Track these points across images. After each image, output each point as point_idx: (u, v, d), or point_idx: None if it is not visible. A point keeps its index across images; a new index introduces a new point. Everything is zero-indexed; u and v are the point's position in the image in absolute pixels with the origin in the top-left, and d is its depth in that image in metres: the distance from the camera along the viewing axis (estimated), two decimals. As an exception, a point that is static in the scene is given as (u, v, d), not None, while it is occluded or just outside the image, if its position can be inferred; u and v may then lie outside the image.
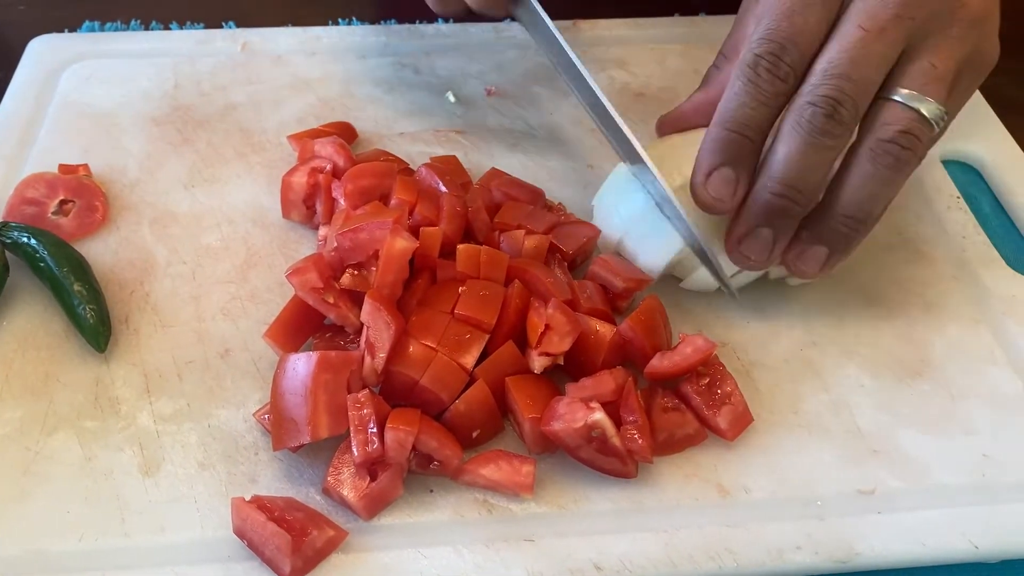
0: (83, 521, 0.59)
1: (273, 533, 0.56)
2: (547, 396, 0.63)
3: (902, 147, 0.61)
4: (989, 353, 0.71)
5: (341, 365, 0.61)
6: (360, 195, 0.72)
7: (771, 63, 0.62)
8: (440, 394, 0.62)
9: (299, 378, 0.60)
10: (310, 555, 0.57)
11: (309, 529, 0.57)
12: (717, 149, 0.64)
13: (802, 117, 0.61)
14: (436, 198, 0.71)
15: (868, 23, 0.61)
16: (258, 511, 0.57)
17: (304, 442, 0.60)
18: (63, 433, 0.64)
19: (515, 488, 0.61)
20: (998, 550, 0.60)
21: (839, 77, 0.60)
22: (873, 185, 0.62)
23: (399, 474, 0.60)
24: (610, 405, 0.62)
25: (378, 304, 0.61)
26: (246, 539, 0.58)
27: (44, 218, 0.77)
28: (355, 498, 0.59)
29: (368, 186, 0.73)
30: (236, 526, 0.58)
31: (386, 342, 0.61)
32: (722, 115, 0.64)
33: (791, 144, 0.62)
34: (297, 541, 0.56)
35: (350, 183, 0.73)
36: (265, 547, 0.57)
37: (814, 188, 0.63)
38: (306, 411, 0.59)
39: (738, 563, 0.58)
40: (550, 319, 0.64)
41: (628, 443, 0.60)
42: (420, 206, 0.69)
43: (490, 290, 0.65)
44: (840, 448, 0.65)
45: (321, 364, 0.60)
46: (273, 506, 0.58)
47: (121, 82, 0.91)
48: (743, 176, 0.64)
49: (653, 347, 0.66)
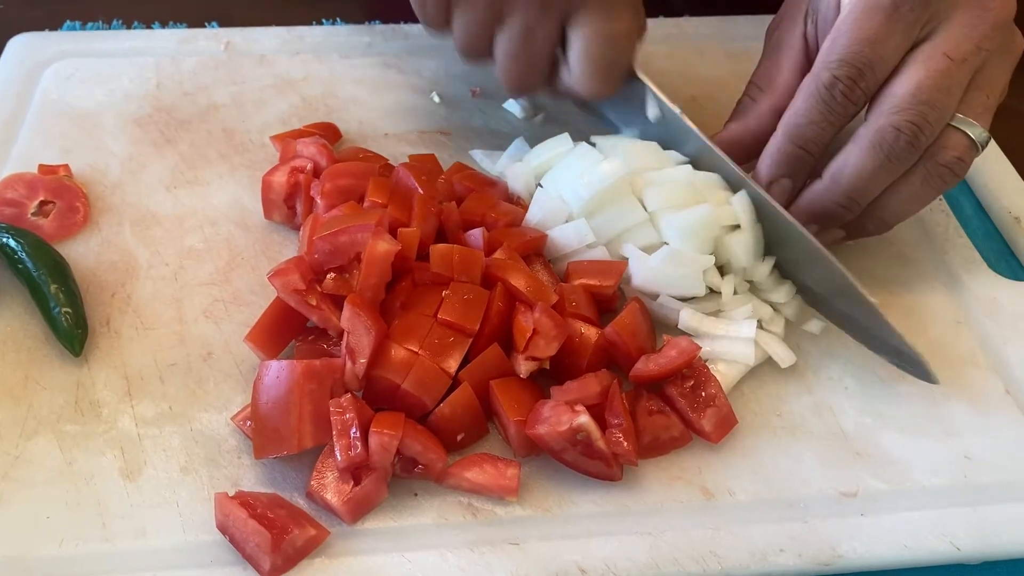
0: (63, 526, 0.59)
1: (254, 531, 0.56)
2: (532, 399, 0.63)
3: (954, 172, 0.66)
4: (971, 355, 0.71)
5: (326, 374, 0.61)
6: (338, 195, 0.72)
7: (847, 87, 0.64)
8: (422, 398, 0.61)
9: (282, 387, 0.60)
10: (290, 553, 0.57)
11: (290, 527, 0.57)
12: (782, 162, 0.68)
13: (884, 139, 0.63)
14: (409, 199, 0.71)
15: (954, 52, 0.63)
16: (240, 507, 0.57)
17: (289, 452, 0.59)
18: (43, 437, 0.63)
19: (500, 491, 0.61)
20: (980, 551, 0.60)
21: (925, 104, 0.63)
22: (917, 202, 0.68)
23: (383, 478, 0.60)
24: (595, 408, 0.62)
25: (358, 309, 0.61)
26: (228, 534, 0.58)
27: (23, 219, 0.76)
28: (338, 502, 0.59)
29: (346, 186, 0.72)
30: (219, 521, 0.58)
31: (367, 347, 0.61)
32: (791, 130, 0.67)
33: (867, 162, 0.64)
34: (277, 539, 0.56)
35: (328, 183, 0.72)
36: (246, 544, 0.57)
37: (871, 199, 0.67)
38: (291, 421, 0.59)
39: (722, 566, 0.58)
40: (537, 323, 0.63)
41: (613, 446, 0.60)
42: (392, 208, 0.69)
43: (473, 294, 0.65)
44: (823, 450, 0.65)
45: (306, 373, 0.60)
46: (256, 503, 0.58)
47: (103, 82, 0.90)
48: (798, 186, 0.69)
49: (638, 350, 0.66)
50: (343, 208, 0.69)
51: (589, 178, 0.71)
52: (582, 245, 0.71)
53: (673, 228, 0.70)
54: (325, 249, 0.64)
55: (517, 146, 0.82)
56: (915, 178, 0.66)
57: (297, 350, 0.66)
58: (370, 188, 0.70)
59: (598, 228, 0.71)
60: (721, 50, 0.96)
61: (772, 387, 0.68)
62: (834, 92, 0.65)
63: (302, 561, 0.57)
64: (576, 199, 0.71)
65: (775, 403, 0.67)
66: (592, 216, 0.71)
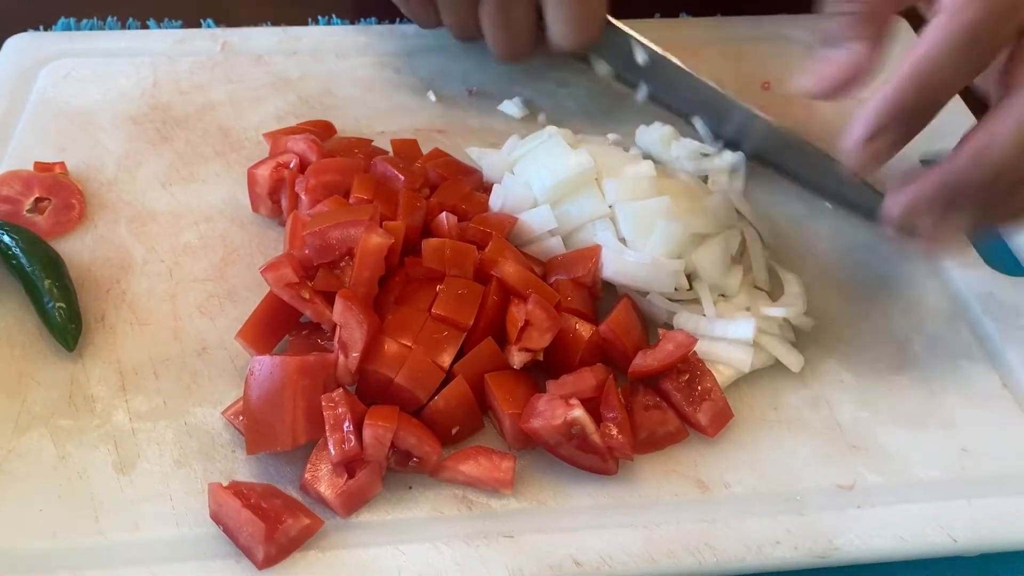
0: (56, 519, 0.58)
1: (247, 520, 0.56)
2: (527, 393, 0.63)
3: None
4: (967, 349, 0.71)
5: (319, 369, 0.60)
6: (322, 190, 0.72)
7: (995, 26, 0.55)
8: (416, 392, 0.61)
9: (275, 384, 0.60)
10: (284, 543, 0.57)
11: (284, 517, 0.57)
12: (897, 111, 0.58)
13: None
14: (395, 194, 0.71)
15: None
16: (234, 497, 0.57)
17: (282, 449, 0.59)
18: (36, 432, 0.63)
19: (495, 484, 0.60)
20: (977, 543, 0.60)
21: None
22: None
23: (378, 472, 0.60)
24: (590, 402, 0.61)
25: (350, 303, 0.61)
26: (221, 524, 0.58)
27: (19, 216, 0.76)
28: (332, 495, 0.58)
29: (331, 182, 0.72)
30: (212, 511, 0.58)
31: (359, 341, 0.61)
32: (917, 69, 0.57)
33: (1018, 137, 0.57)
34: (271, 529, 0.56)
35: (312, 178, 0.72)
36: (240, 533, 0.57)
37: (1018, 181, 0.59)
38: (284, 418, 0.59)
39: (718, 558, 0.58)
40: (530, 315, 0.63)
41: (608, 440, 0.60)
42: (378, 202, 0.69)
43: (468, 288, 0.64)
44: (819, 443, 0.65)
45: (299, 369, 0.60)
46: (250, 492, 0.57)
47: (99, 80, 0.90)
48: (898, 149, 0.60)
49: (633, 346, 0.66)
50: (328, 203, 0.69)
51: (554, 167, 0.72)
52: (544, 231, 0.72)
53: (628, 218, 0.70)
54: (316, 245, 0.64)
55: (512, 144, 0.82)
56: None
57: (290, 345, 0.66)
58: (355, 185, 0.70)
59: (561, 217, 0.72)
60: (718, 50, 0.96)
61: (768, 381, 0.68)
62: (978, 32, 0.55)
63: (296, 553, 0.57)
64: (541, 187, 0.72)
65: (771, 397, 0.67)
66: (556, 205, 0.72)
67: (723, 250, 0.71)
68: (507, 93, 0.91)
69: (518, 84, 0.92)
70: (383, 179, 0.73)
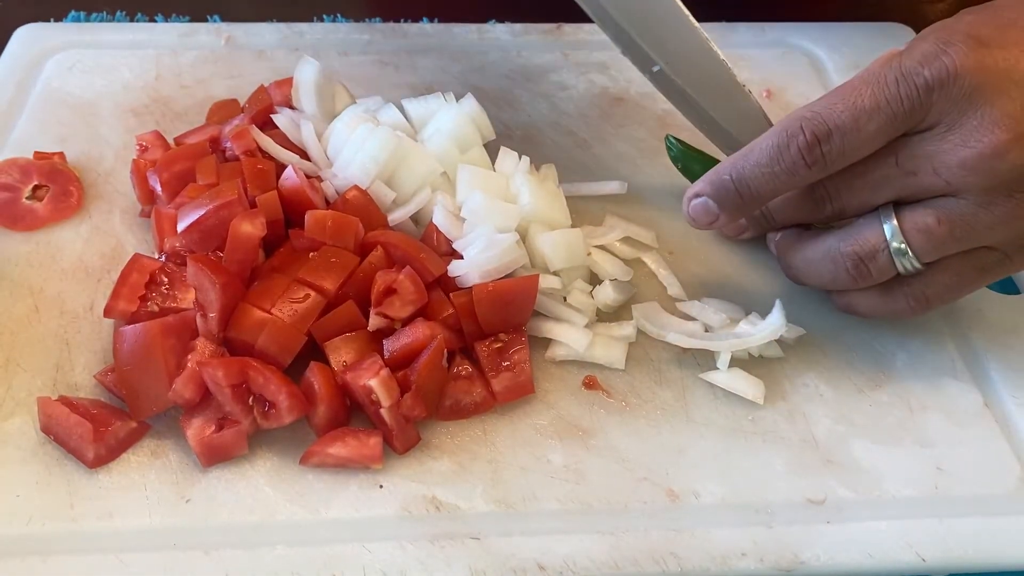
0: (33, 505, 0.60)
1: (76, 423, 0.60)
2: (366, 353, 0.64)
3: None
4: (951, 366, 0.70)
5: (182, 328, 0.63)
6: (177, 181, 0.73)
7: (808, 143, 0.61)
8: (278, 356, 0.63)
9: (142, 347, 0.62)
10: (113, 444, 0.61)
11: (112, 420, 0.61)
12: (712, 187, 0.66)
13: None
14: (238, 171, 0.72)
15: None
16: (62, 405, 0.61)
17: (167, 407, 0.62)
18: (19, 418, 0.64)
19: (364, 461, 0.61)
20: (945, 563, 0.60)
21: None
22: None
23: (243, 432, 0.61)
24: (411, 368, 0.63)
25: (201, 264, 0.63)
26: (52, 434, 0.62)
27: (18, 203, 0.77)
28: (195, 443, 0.61)
29: (183, 170, 0.74)
30: (43, 423, 0.62)
31: (215, 301, 0.62)
32: (735, 160, 0.64)
33: None
34: (99, 431, 0.60)
35: (164, 171, 0.73)
36: (69, 438, 0.61)
37: None
38: (160, 378, 0.61)
39: (682, 567, 0.58)
40: (399, 284, 0.64)
41: (401, 408, 0.61)
42: (222, 184, 0.70)
43: (340, 257, 0.66)
44: (793, 457, 0.64)
45: (163, 331, 0.62)
46: (79, 403, 0.63)
47: (103, 72, 0.92)
48: (727, 219, 0.67)
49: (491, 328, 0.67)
50: (187, 193, 0.71)
51: (370, 147, 0.73)
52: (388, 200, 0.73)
53: (463, 181, 0.73)
54: (195, 238, 0.67)
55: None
56: None
57: None
58: (198, 172, 0.73)
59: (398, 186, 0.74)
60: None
61: (746, 392, 0.68)
62: (792, 143, 0.61)
63: (264, 547, 0.58)
64: (365, 175, 0.72)
65: (748, 408, 0.67)
66: (389, 181, 0.74)
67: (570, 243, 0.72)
68: (504, 94, 0.91)
69: (515, 86, 0.92)
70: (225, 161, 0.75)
